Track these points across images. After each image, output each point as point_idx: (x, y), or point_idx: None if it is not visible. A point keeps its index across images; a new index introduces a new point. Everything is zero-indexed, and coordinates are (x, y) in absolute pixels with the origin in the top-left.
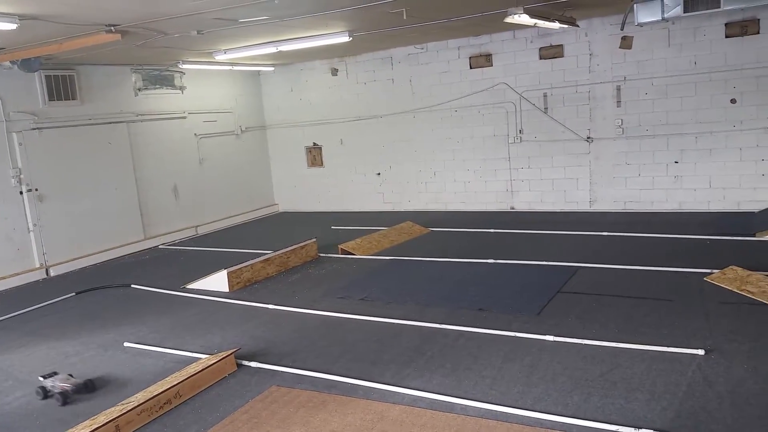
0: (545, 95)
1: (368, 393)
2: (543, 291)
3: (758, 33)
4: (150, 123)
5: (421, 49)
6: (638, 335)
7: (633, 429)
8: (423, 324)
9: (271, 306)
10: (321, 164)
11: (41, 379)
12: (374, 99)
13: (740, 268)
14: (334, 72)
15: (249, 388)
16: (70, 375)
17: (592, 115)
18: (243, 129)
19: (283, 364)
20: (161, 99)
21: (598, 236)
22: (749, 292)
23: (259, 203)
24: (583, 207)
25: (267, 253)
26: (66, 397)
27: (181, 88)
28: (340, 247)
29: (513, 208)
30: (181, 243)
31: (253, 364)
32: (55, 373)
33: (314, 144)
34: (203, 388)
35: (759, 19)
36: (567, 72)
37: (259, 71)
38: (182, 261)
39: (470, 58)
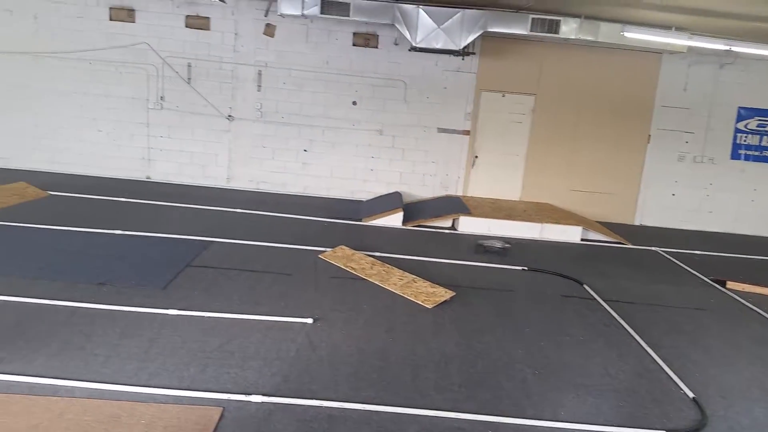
0: (189, 65)
1: None
2: (172, 264)
3: (377, 47)
4: None
5: None
6: (258, 306)
7: (243, 395)
8: (28, 300)
9: None
10: None
11: None
12: None
13: (348, 248)
14: None
15: None
16: None
17: (234, 95)
18: None
19: None
20: None
21: (232, 213)
22: (353, 268)
23: None
24: (221, 183)
25: None
26: None
27: None
28: None
29: (149, 178)
30: None
31: None
32: None
33: None
34: None
35: (378, 35)
36: (212, 46)
37: None
38: None
39: (110, 8)
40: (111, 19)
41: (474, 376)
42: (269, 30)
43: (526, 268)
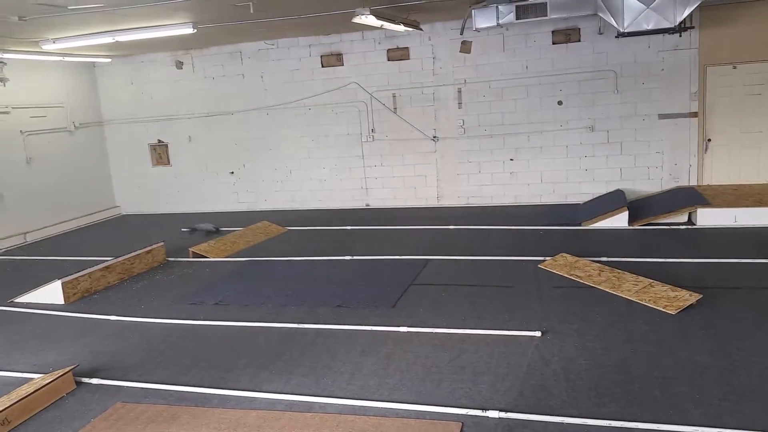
0: (394, 96)
1: (223, 402)
2: (397, 284)
3: (579, 41)
4: None
5: (272, 45)
6: (482, 321)
7: (480, 411)
8: (281, 325)
9: (113, 317)
10: (168, 163)
11: None
12: (224, 94)
13: (569, 255)
14: (179, 65)
15: (90, 407)
16: None
17: (437, 116)
18: (77, 125)
19: (129, 379)
20: None
21: (446, 230)
22: (577, 276)
23: (97, 206)
24: (432, 203)
25: (107, 260)
26: None
27: (3, 80)
28: (191, 250)
29: (368, 205)
30: (8, 252)
31: (95, 380)
32: None
33: (159, 141)
34: (37, 411)
35: (580, 28)
36: (413, 74)
37: (94, 63)
38: (9, 272)
39: (321, 56)
40: (323, 66)
41: (737, 388)
42: (465, 47)
43: None
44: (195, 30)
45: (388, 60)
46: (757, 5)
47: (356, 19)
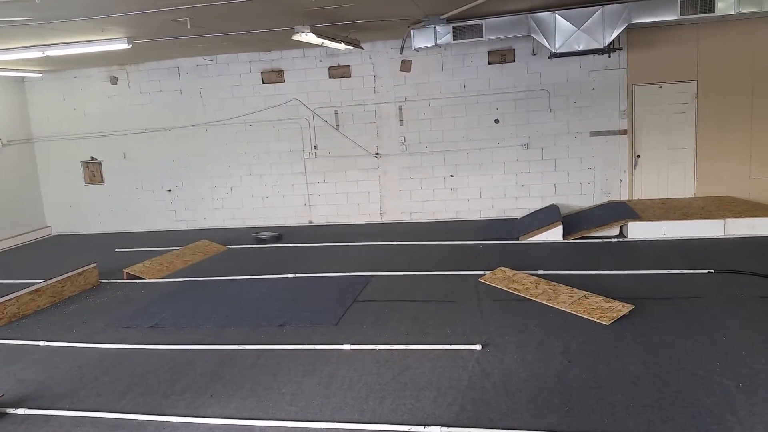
0: (336, 113)
1: (160, 428)
2: (340, 301)
3: (514, 61)
4: None
5: (211, 61)
6: (424, 336)
7: (423, 427)
8: (220, 347)
9: (42, 343)
10: (101, 181)
11: None
12: (161, 111)
13: (508, 269)
14: (114, 80)
15: None
16: None
17: (379, 133)
18: (5, 142)
19: (59, 408)
20: None
21: (389, 246)
22: (515, 289)
23: (25, 226)
24: (375, 219)
25: (37, 283)
26: None
27: None
28: (125, 271)
29: (311, 222)
30: None
31: (21, 411)
32: None
33: (92, 158)
34: None
35: (514, 49)
36: (355, 91)
37: (23, 77)
38: None
39: (262, 72)
40: (263, 83)
41: (667, 395)
42: (405, 66)
43: (712, 270)
44: (130, 45)
45: (330, 77)
46: (681, 28)
47: (296, 37)
